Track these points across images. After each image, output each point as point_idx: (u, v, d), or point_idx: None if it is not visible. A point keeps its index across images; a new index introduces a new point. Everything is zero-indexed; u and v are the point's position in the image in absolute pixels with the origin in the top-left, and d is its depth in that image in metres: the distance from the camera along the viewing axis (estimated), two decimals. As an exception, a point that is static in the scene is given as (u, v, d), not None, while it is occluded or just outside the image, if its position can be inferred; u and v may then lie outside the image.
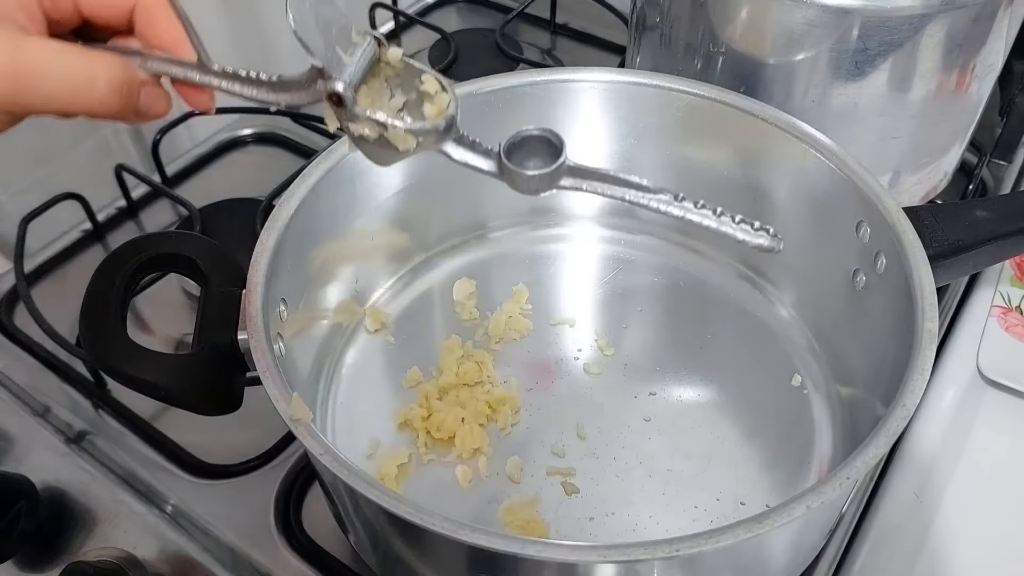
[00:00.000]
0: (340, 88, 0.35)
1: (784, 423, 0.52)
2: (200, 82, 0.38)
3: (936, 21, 0.53)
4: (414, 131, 0.36)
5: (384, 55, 0.37)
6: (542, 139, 0.38)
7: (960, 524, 0.52)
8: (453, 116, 0.37)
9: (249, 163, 0.80)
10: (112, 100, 0.35)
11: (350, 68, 0.35)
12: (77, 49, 0.34)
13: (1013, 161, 0.74)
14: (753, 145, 0.54)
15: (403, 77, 0.37)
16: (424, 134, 0.37)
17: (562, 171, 0.38)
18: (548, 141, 0.38)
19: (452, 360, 0.55)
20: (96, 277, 0.44)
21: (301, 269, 0.50)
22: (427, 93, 0.37)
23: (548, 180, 0.38)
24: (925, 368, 0.40)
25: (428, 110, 0.37)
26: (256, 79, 0.37)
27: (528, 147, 0.38)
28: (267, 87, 0.37)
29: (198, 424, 0.50)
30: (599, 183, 0.38)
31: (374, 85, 0.37)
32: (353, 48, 0.36)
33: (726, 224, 0.37)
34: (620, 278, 0.61)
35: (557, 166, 0.37)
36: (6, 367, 0.62)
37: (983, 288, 0.64)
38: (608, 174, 0.38)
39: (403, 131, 0.36)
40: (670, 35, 0.62)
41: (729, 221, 0.37)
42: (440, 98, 0.37)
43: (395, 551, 0.44)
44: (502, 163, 0.38)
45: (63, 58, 0.34)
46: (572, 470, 0.50)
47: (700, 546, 0.34)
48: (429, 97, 0.37)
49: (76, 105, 0.34)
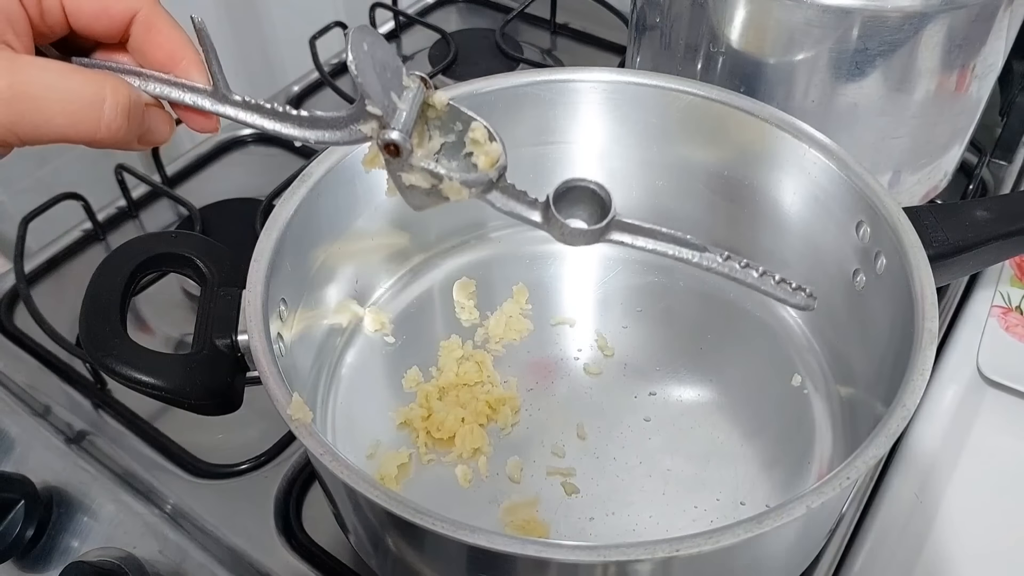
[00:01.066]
0: (398, 138, 0.33)
1: (784, 423, 0.52)
2: (211, 111, 0.35)
3: (936, 21, 0.53)
4: (467, 182, 0.35)
5: (430, 98, 0.36)
6: (587, 190, 0.37)
7: (960, 524, 0.52)
8: (504, 167, 0.36)
9: (249, 163, 0.80)
10: (118, 125, 0.32)
11: (404, 114, 0.34)
12: (79, 70, 0.31)
13: (1013, 161, 0.74)
14: (753, 145, 0.54)
15: (444, 119, 0.36)
16: (476, 185, 0.35)
17: (611, 227, 0.37)
18: (595, 193, 0.37)
19: (452, 360, 0.55)
20: (96, 277, 0.44)
21: (301, 269, 0.50)
22: (476, 141, 0.36)
23: (595, 235, 0.37)
24: (925, 368, 0.40)
25: (480, 161, 0.36)
26: (282, 113, 0.35)
27: (576, 197, 0.37)
28: (294, 122, 0.35)
29: (198, 424, 0.50)
30: (647, 239, 0.38)
31: (418, 127, 0.35)
32: (405, 92, 0.35)
33: (767, 283, 0.38)
34: (620, 278, 0.61)
35: (607, 223, 0.37)
36: (6, 367, 0.62)
37: (983, 288, 0.64)
38: (656, 229, 0.38)
39: (458, 184, 0.35)
40: (670, 35, 0.62)
41: (770, 280, 0.38)
42: (492, 149, 0.36)
43: (395, 551, 0.44)
44: (549, 214, 0.37)
45: (65, 80, 0.31)
46: (572, 470, 0.50)
47: (700, 546, 0.34)
48: (478, 146, 0.36)
49: (79, 132, 0.31)
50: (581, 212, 0.38)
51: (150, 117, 0.34)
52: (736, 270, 0.38)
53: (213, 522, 0.53)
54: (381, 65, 0.34)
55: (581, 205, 0.38)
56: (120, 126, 0.32)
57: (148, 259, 0.46)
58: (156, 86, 0.34)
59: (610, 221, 0.37)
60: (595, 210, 0.37)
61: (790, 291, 0.38)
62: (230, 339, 0.43)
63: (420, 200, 0.36)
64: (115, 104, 0.31)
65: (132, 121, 0.32)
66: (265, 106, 0.35)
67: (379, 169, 0.36)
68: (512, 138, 0.42)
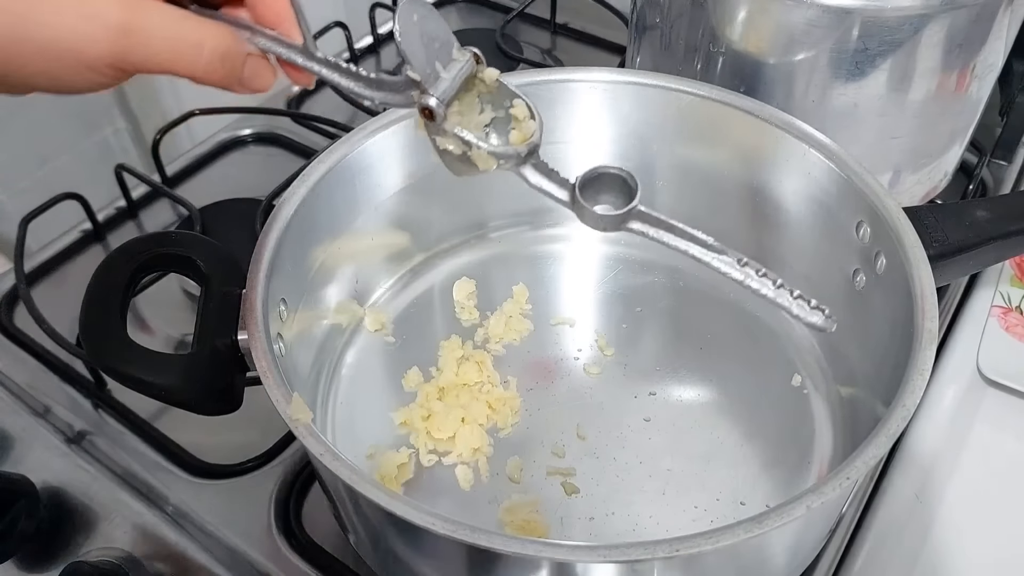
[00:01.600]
0: (433, 104, 0.36)
1: (784, 423, 0.52)
2: (302, 66, 0.38)
3: (936, 21, 0.53)
4: (496, 154, 0.37)
5: (480, 72, 0.38)
6: (619, 178, 0.38)
7: (960, 524, 0.52)
8: (536, 144, 0.38)
9: (249, 163, 0.80)
10: (214, 68, 0.36)
11: (445, 84, 0.36)
12: (189, 15, 0.36)
13: (1013, 161, 0.74)
14: (753, 145, 0.54)
15: (495, 95, 0.39)
16: (506, 157, 0.38)
17: (632, 215, 0.38)
18: (625, 181, 0.38)
19: (452, 360, 0.55)
20: (96, 277, 0.44)
21: (301, 269, 0.50)
22: (515, 118, 0.38)
23: (616, 221, 0.39)
24: (925, 368, 0.40)
25: (513, 136, 0.38)
26: (355, 73, 0.38)
27: (604, 183, 0.39)
28: (364, 82, 0.38)
29: (198, 424, 0.50)
30: (665, 233, 0.39)
31: (466, 99, 0.38)
32: (452, 64, 0.37)
33: (783, 297, 0.38)
34: (620, 278, 0.61)
35: (628, 210, 0.38)
36: (6, 367, 0.62)
37: (983, 288, 0.64)
38: (676, 226, 0.38)
39: (486, 153, 0.37)
40: (670, 35, 0.62)
41: (786, 295, 0.38)
42: (527, 125, 0.38)
43: (395, 551, 0.44)
44: (575, 196, 0.39)
45: (174, 24, 0.35)
46: (572, 470, 0.50)
47: (700, 546, 0.34)
48: (517, 122, 0.38)
49: (181, 69, 0.36)
50: (608, 198, 0.39)
51: (252, 65, 0.38)
52: (752, 277, 0.38)
53: (213, 522, 0.53)
54: (430, 36, 0.36)
55: (609, 191, 0.39)
56: (216, 69, 0.36)
57: (148, 259, 0.46)
58: (263, 40, 0.38)
59: (631, 210, 0.38)
60: (621, 198, 0.39)
61: (807, 309, 0.38)
62: (230, 339, 0.43)
63: (456, 166, 0.39)
64: (213, 49, 0.36)
65: (227, 66, 0.37)
66: (342, 65, 0.38)
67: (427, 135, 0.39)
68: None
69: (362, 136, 0.53)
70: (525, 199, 0.61)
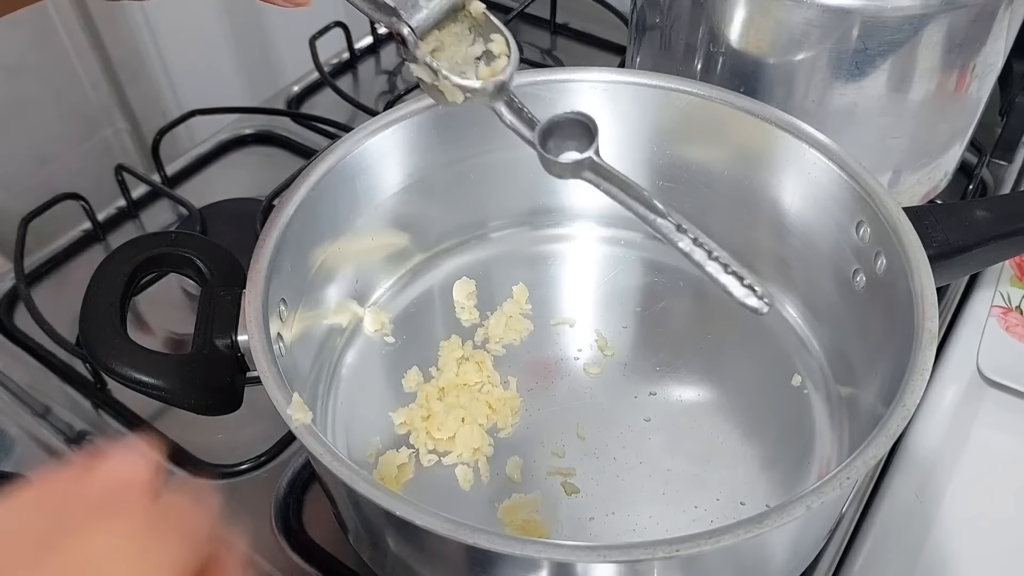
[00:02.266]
0: (405, 31, 0.37)
1: (784, 423, 0.52)
2: None
3: (936, 21, 0.53)
4: (462, 87, 0.38)
5: (468, 5, 0.39)
6: (583, 126, 0.39)
7: (960, 524, 0.52)
8: (503, 82, 0.38)
9: (249, 163, 0.80)
10: None
11: (423, 12, 0.37)
12: None
13: (1013, 161, 0.74)
14: (753, 145, 0.54)
15: (484, 29, 0.39)
16: (472, 92, 0.38)
17: (584, 165, 0.39)
18: (588, 130, 0.39)
19: (452, 360, 0.55)
20: (96, 277, 0.44)
21: (301, 269, 0.50)
22: (491, 53, 0.39)
23: (571, 169, 0.39)
24: (925, 368, 0.40)
25: (482, 71, 0.38)
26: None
27: (570, 132, 0.39)
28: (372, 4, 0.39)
29: (198, 424, 0.50)
30: (615, 188, 0.39)
31: (453, 29, 0.39)
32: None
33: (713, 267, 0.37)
34: (620, 278, 0.61)
35: (581, 159, 0.38)
36: (6, 367, 0.62)
37: (983, 288, 0.64)
38: (626, 182, 0.38)
39: (451, 85, 0.38)
40: (670, 35, 0.62)
41: (719, 268, 0.37)
42: (498, 63, 0.39)
43: (395, 551, 0.44)
44: (535, 140, 0.39)
45: None
46: (572, 470, 0.50)
47: (700, 546, 0.34)
48: (492, 57, 0.39)
49: None
50: (573, 145, 0.39)
51: None
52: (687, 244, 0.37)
53: (213, 522, 0.53)
54: None
55: (575, 139, 0.39)
56: None
57: (148, 259, 0.46)
58: None
59: (583, 159, 0.38)
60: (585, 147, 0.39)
61: (739, 286, 0.36)
62: (230, 339, 0.43)
63: (433, 94, 0.40)
64: None
65: None
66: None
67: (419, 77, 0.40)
68: (512, 137, 0.42)
69: (362, 136, 0.53)
70: (525, 199, 0.62)
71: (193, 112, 0.79)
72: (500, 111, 0.39)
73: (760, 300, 0.36)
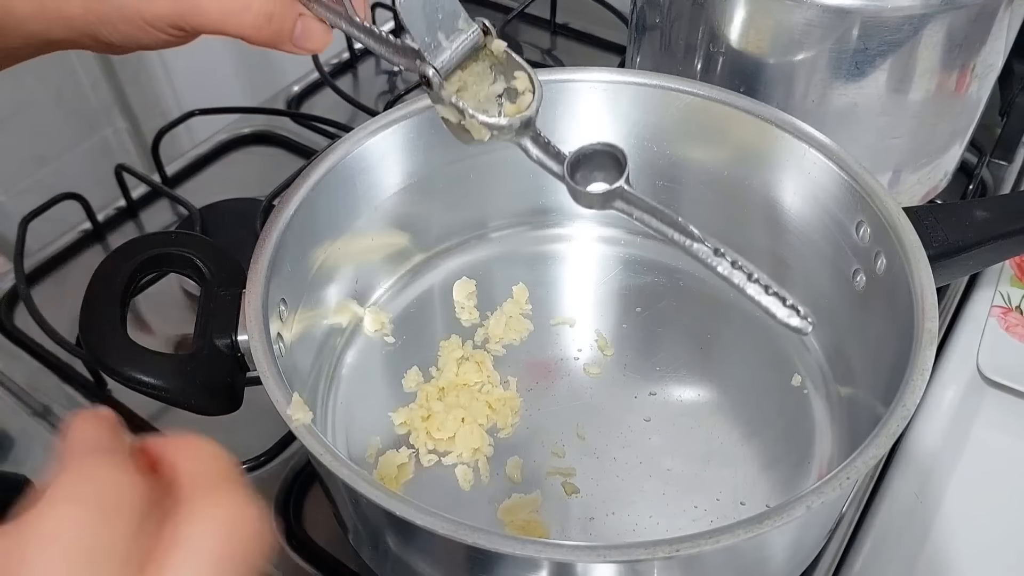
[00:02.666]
0: (430, 73, 0.37)
1: (784, 423, 0.52)
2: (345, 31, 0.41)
3: (936, 21, 0.53)
4: (488, 125, 0.38)
5: (489, 44, 0.39)
6: (612, 157, 0.39)
7: (960, 524, 0.52)
8: (529, 118, 0.39)
9: (249, 163, 0.80)
10: (262, 26, 0.39)
11: (446, 54, 0.37)
12: None
13: (1013, 161, 0.74)
14: (753, 145, 0.54)
15: (506, 67, 0.39)
16: (498, 129, 0.38)
17: (615, 194, 0.39)
18: (617, 160, 0.39)
19: (452, 360, 0.55)
20: (96, 277, 0.44)
21: (301, 269, 0.50)
22: (515, 90, 0.39)
23: (601, 200, 0.39)
24: (925, 368, 0.40)
25: (508, 108, 0.39)
26: (386, 39, 0.39)
27: (599, 162, 0.39)
28: (392, 48, 0.39)
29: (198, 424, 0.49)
30: (647, 216, 0.39)
31: (475, 69, 0.39)
32: (456, 34, 0.38)
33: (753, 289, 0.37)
34: (620, 278, 0.61)
35: (611, 190, 0.38)
36: (6, 367, 0.62)
37: (983, 288, 0.64)
38: (658, 209, 0.38)
39: (479, 123, 0.38)
40: (670, 35, 0.62)
41: (759, 289, 0.37)
42: (523, 99, 0.39)
43: (395, 551, 0.44)
44: (564, 172, 0.39)
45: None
46: (572, 470, 0.50)
47: (700, 546, 0.34)
48: (517, 95, 0.39)
49: (231, 28, 0.39)
50: (601, 176, 0.39)
51: (304, 26, 0.41)
52: (724, 265, 0.37)
53: (213, 522, 0.53)
54: (433, 6, 0.37)
55: (602, 170, 0.39)
56: (263, 26, 0.40)
57: (148, 259, 0.46)
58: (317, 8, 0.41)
59: (614, 189, 0.38)
60: (614, 177, 0.39)
61: (782, 307, 0.36)
62: (230, 339, 0.43)
63: (458, 133, 0.40)
64: (259, 10, 0.39)
65: (274, 26, 0.40)
66: (375, 31, 0.40)
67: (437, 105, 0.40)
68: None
69: (362, 136, 0.53)
70: (525, 199, 0.62)
71: (193, 112, 0.79)
72: (526, 146, 0.39)
73: (803, 320, 0.36)
